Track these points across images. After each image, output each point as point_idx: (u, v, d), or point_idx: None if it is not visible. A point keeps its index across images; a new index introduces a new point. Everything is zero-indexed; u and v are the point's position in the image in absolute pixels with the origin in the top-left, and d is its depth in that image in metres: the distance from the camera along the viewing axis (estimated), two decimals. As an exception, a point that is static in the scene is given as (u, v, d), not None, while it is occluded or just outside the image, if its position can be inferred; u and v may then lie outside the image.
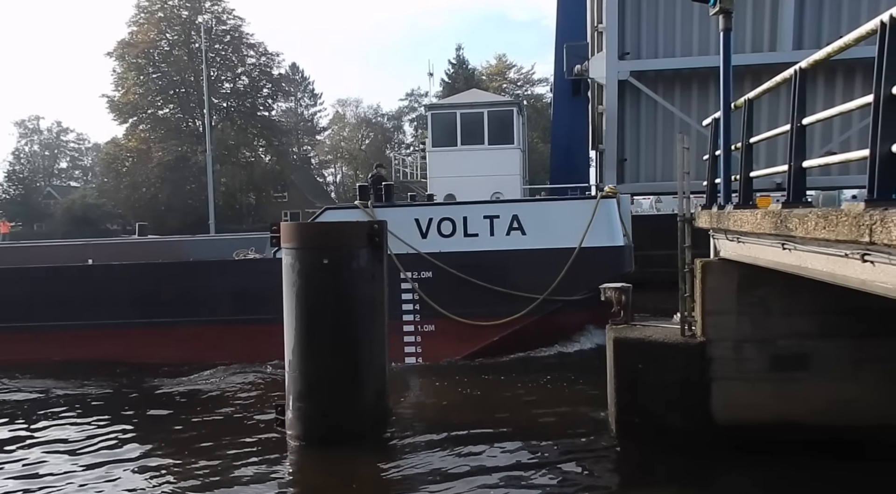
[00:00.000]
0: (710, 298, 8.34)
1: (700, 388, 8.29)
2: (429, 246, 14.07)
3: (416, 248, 14.02)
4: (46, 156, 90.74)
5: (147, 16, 52.91)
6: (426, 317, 13.99)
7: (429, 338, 14.04)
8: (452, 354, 13.82)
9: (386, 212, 14.01)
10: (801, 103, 5.95)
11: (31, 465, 8.80)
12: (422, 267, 14.03)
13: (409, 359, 14.10)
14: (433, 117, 21.32)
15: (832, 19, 15.83)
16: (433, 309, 13.87)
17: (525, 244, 13.89)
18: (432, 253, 13.96)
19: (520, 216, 14.04)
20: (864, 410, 7.89)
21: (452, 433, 9.47)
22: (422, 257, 13.98)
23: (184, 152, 51.08)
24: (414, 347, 14.11)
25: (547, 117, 45.80)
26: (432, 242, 14.11)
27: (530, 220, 14.03)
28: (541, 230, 13.96)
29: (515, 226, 14.04)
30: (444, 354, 13.84)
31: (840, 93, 15.99)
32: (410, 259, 13.98)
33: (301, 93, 78.29)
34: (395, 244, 13.67)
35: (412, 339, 14.11)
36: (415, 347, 14.11)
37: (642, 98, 16.50)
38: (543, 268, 13.66)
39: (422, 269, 14.04)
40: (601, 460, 8.57)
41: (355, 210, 14.29)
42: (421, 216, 14.30)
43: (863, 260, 4.50)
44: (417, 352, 14.07)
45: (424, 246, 14.07)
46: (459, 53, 66.19)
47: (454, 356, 13.83)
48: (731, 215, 7.44)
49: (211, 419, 10.62)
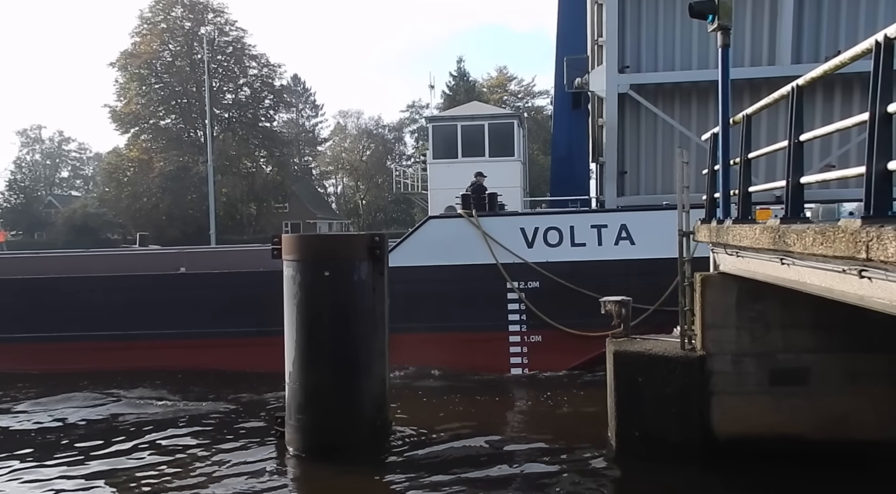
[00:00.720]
0: (709, 312, 8.38)
1: (700, 402, 8.31)
2: (535, 255, 13.97)
3: (522, 258, 13.93)
4: (48, 165, 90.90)
5: (150, 27, 53.16)
6: (533, 328, 13.91)
7: (535, 349, 13.95)
8: (559, 366, 13.70)
9: (491, 222, 14.05)
10: (799, 120, 6.00)
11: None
12: (528, 277, 13.94)
13: (515, 370, 13.98)
14: (434, 129, 21.38)
15: (830, 34, 15.91)
16: (540, 320, 13.77)
17: (634, 254, 13.80)
18: (539, 263, 13.85)
19: (628, 225, 13.97)
20: (862, 424, 7.91)
21: (452, 446, 9.49)
22: (529, 267, 13.90)
23: (185, 162, 51.19)
24: (520, 358, 14.01)
25: (547, 129, 45.96)
26: (539, 251, 14.02)
27: (639, 230, 13.92)
28: (650, 239, 13.73)
29: (624, 235, 13.96)
30: (550, 365, 13.74)
31: (838, 107, 16.04)
32: (517, 268, 13.91)
33: (302, 105, 78.56)
34: (501, 253, 13.82)
35: (518, 350, 14.04)
36: (521, 358, 14.00)
37: (642, 111, 16.55)
38: (653, 278, 13.23)
39: (528, 279, 13.94)
40: (600, 472, 8.58)
41: (459, 219, 14.25)
42: (527, 225, 14.21)
43: (860, 275, 4.54)
44: (524, 363, 13.93)
45: (531, 255, 13.98)
46: (460, 66, 66.49)
47: (561, 367, 13.70)
48: (730, 229, 7.48)
49: (209, 429, 10.63)
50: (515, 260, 13.95)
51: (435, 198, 21.85)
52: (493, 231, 14.15)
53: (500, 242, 13.82)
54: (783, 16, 15.72)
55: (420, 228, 14.71)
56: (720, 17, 7.76)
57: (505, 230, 13.99)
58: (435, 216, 15.45)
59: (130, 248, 24.41)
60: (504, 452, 9.27)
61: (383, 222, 69.83)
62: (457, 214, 14.62)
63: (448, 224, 14.50)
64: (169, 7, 53.12)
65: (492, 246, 14.00)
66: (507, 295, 13.86)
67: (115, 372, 13.89)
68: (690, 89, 16.50)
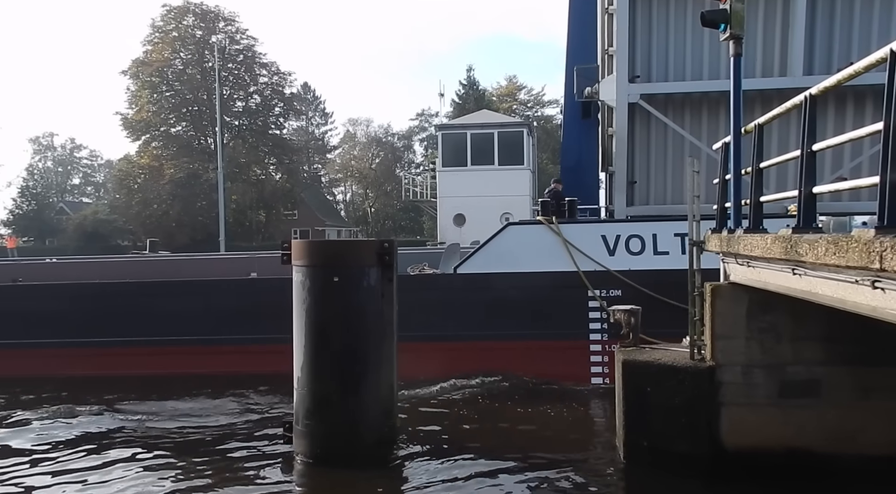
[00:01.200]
0: (719, 322, 8.32)
1: (709, 413, 8.23)
2: (617, 263, 13.69)
3: (604, 265, 13.70)
4: (59, 172, 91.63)
5: (162, 35, 53.57)
6: (615, 337, 13.81)
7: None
8: None
9: (571, 229, 13.89)
10: (812, 129, 5.97)
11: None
12: (610, 285, 13.65)
13: (596, 380, 13.67)
14: (443, 137, 21.43)
15: (843, 45, 15.85)
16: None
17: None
18: (622, 271, 13.55)
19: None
20: (873, 439, 7.82)
21: (460, 453, 9.44)
22: (610, 274, 13.62)
23: (195, 169, 51.44)
24: (601, 367, 13.69)
25: (557, 138, 45.89)
26: (620, 259, 13.73)
27: None
28: None
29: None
30: None
31: (851, 119, 15.97)
32: (598, 276, 13.65)
33: (312, 112, 78.95)
34: (582, 261, 13.61)
35: (599, 359, 13.73)
36: (602, 367, 13.68)
37: (652, 121, 16.52)
38: None
39: (610, 287, 13.66)
40: (608, 483, 8.53)
41: (539, 226, 14.10)
42: (608, 233, 13.99)
43: (873, 286, 4.50)
44: (604, 373, 13.55)
45: (613, 263, 13.72)
46: (470, 74, 66.76)
47: None
48: (742, 239, 7.44)
49: (219, 434, 10.64)
50: (597, 268, 13.68)
51: (444, 205, 21.85)
52: (574, 238, 13.91)
53: (580, 249, 13.58)
54: (795, 26, 15.68)
55: (498, 235, 14.47)
56: (732, 27, 7.75)
57: (585, 237, 13.78)
58: (514, 223, 15.24)
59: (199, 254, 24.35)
60: (512, 458, 9.19)
61: (392, 230, 69.95)
62: (536, 221, 14.47)
63: (527, 231, 14.33)
64: (181, 16, 53.54)
65: (572, 253, 13.78)
66: (587, 304, 13.60)
67: (196, 376, 13.66)
68: (701, 99, 16.47)
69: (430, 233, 54.52)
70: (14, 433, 11.01)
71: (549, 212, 14.41)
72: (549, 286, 13.60)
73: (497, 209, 20.94)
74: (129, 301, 14.97)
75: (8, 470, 9.14)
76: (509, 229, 14.56)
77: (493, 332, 13.46)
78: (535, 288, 13.59)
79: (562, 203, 14.95)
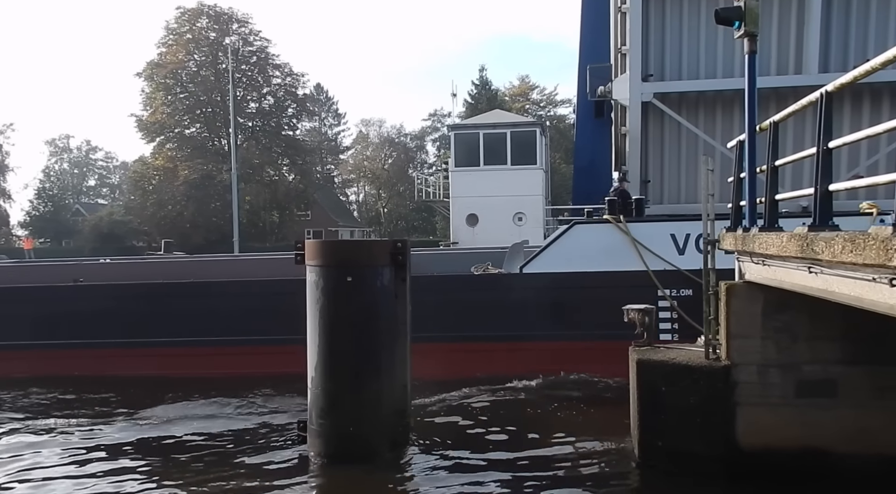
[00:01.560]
0: (734, 321, 8.26)
1: (724, 413, 8.17)
2: (688, 262, 13.35)
3: (674, 264, 13.47)
4: (75, 174, 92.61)
5: (176, 37, 53.98)
6: (686, 338, 12.99)
7: None
8: None
9: (640, 227, 13.71)
10: (828, 126, 5.92)
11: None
12: (681, 285, 13.42)
13: None
14: (456, 137, 21.41)
15: (858, 42, 15.70)
16: (695, 330, 13.44)
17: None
18: (692, 270, 13.01)
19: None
20: (891, 440, 7.74)
21: (473, 454, 9.42)
22: (681, 274, 13.35)
23: (209, 171, 51.80)
24: None
25: (570, 138, 45.84)
26: (691, 258, 13.32)
27: None
28: None
29: None
30: None
31: (867, 117, 15.82)
32: (668, 275, 13.42)
33: (325, 113, 79.31)
34: (651, 260, 13.44)
35: None
36: None
37: (666, 119, 16.45)
38: None
39: (681, 287, 13.43)
40: (623, 484, 8.49)
41: (606, 225, 13.90)
42: (677, 231, 13.73)
43: (891, 284, 4.46)
44: None
45: (683, 262, 13.46)
46: (482, 74, 66.65)
47: None
48: (757, 238, 7.39)
49: (232, 432, 10.70)
50: (666, 267, 13.47)
51: (457, 205, 21.84)
52: (642, 237, 13.72)
53: (649, 248, 13.41)
54: (810, 23, 15.56)
55: (564, 234, 14.27)
56: (747, 24, 7.69)
57: (654, 236, 13.58)
58: (580, 222, 14.92)
59: (242, 254, 23.99)
60: (525, 458, 9.18)
61: (405, 230, 70.07)
62: (603, 219, 14.19)
63: (594, 230, 14.10)
64: (195, 18, 53.95)
65: (641, 252, 13.59)
66: (657, 304, 13.10)
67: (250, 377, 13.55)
68: (715, 98, 16.38)
69: (442, 233, 54.58)
70: (31, 432, 11.11)
71: (616, 211, 14.11)
72: (617, 285, 13.23)
73: (510, 209, 20.91)
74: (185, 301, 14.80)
75: (21, 470, 9.23)
76: (576, 228, 14.32)
77: (556, 333, 13.24)
78: (602, 288, 13.28)
79: (629, 202, 14.66)
